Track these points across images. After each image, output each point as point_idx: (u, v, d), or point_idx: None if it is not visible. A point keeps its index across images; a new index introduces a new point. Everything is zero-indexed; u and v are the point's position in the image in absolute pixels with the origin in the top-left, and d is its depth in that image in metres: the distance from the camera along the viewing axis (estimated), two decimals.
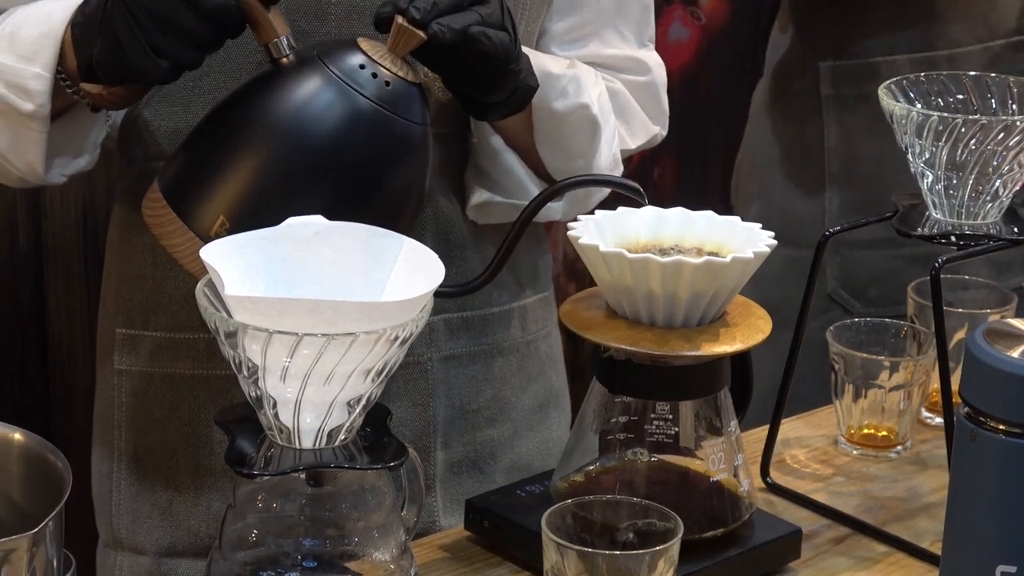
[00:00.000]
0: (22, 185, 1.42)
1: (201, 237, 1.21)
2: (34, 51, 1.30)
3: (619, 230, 1.30)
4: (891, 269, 2.00)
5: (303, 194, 1.20)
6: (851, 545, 1.39)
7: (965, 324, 1.57)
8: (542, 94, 1.38)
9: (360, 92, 1.21)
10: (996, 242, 1.38)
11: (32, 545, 0.98)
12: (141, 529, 1.52)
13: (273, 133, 1.21)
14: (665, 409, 1.29)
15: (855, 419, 1.54)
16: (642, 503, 1.20)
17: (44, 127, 1.33)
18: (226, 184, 1.21)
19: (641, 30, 1.55)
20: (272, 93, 1.22)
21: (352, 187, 1.21)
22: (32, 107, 1.31)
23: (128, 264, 1.50)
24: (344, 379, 1.08)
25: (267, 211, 1.19)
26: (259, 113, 1.22)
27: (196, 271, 1.20)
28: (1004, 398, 1.08)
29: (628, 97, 1.53)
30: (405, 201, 1.26)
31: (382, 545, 1.15)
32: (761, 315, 1.29)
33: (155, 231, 1.25)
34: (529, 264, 1.59)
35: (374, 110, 1.21)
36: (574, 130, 1.42)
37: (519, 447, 1.58)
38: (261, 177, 1.21)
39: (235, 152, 1.22)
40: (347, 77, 1.21)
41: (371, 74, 1.22)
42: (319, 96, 1.21)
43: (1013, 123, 1.35)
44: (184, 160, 1.26)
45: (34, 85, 1.30)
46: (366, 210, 1.21)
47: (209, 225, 1.21)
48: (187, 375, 1.48)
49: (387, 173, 1.23)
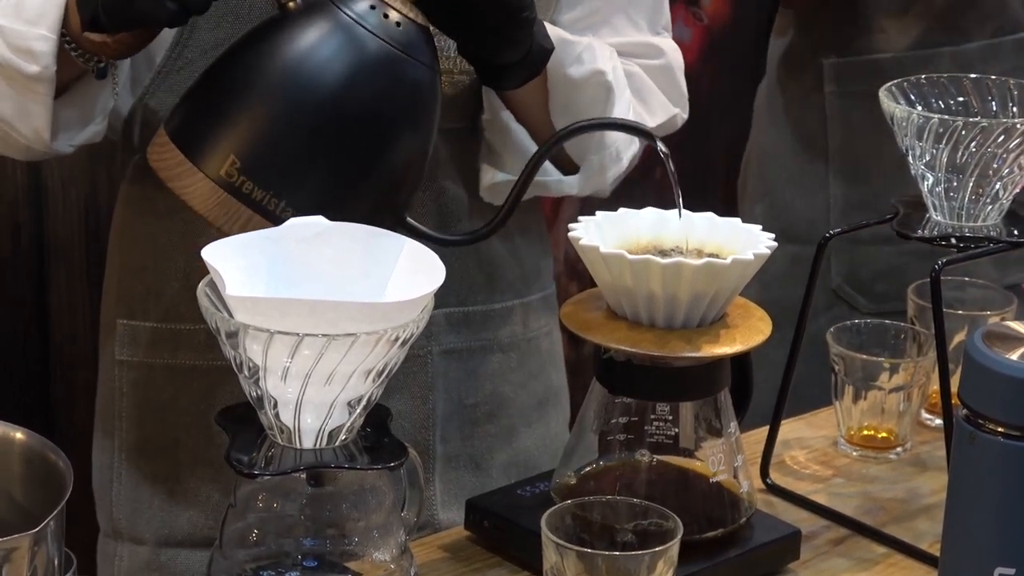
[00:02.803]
0: (28, 156, 1.40)
1: (212, 177, 1.20)
2: (39, 14, 1.29)
3: (620, 231, 1.30)
4: (897, 265, 2.00)
5: (315, 135, 1.20)
6: (850, 546, 1.39)
7: (965, 326, 1.57)
8: (557, 60, 1.37)
9: (371, 32, 1.21)
10: (996, 244, 1.38)
11: (33, 544, 0.98)
12: (140, 519, 1.52)
13: (285, 73, 1.20)
14: (665, 410, 1.29)
15: (855, 420, 1.54)
16: (642, 504, 1.20)
17: (49, 90, 1.32)
18: (237, 124, 1.20)
19: (654, 18, 1.54)
20: (283, 34, 1.22)
21: (365, 126, 1.21)
22: (37, 69, 1.30)
23: (130, 255, 1.51)
24: (345, 379, 1.08)
25: (279, 151, 1.19)
26: (270, 54, 1.21)
27: (206, 211, 1.20)
28: (1003, 400, 1.08)
29: (645, 78, 1.51)
30: (416, 144, 1.25)
31: (382, 545, 1.15)
32: (761, 316, 1.30)
33: (163, 175, 1.23)
34: (532, 262, 1.59)
35: (386, 50, 1.21)
36: (589, 98, 1.41)
37: (517, 444, 1.58)
38: (273, 117, 1.20)
39: (247, 93, 1.21)
40: (358, 17, 1.21)
41: (382, 15, 1.22)
42: (331, 36, 1.21)
43: (1013, 126, 1.35)
44: (191, 104, 1.25)
45: (39, 47, 1.29)
46: (379, 150, 1.22)
47: (220, 165, 1.20)
48: (187, 366, 1.48)
49: (399, 113, 1.23)
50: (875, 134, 2.01)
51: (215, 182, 1.19)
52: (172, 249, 1.47)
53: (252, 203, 1.19)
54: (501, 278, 1.55)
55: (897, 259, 2.01)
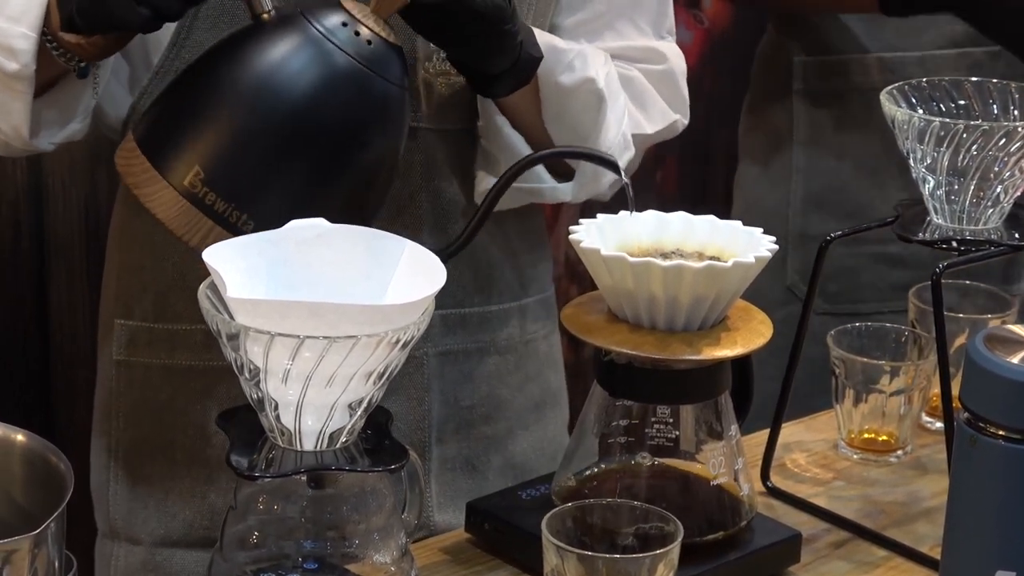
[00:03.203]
0: (7, 152, 1.40)
1: (176, 187, 1.20)
2: (21, 12, 1.30)
3: (621, 234, 1.30)
4: (851, 267, 2.00)
5: (280, 149, 1.20)
6: (851, 549, 1.39)
7: (966, 329, 1.57)
8: (548, 67, 1.37)
9: (341, 48, 1.21)
10: (997, 248, 1.38)
11: (34, 546, 0.98)
12: (137, 519, 1.53)
13: (252, 86, 1.20)
14: (666, 413, 1.29)
15: (855, 423, 1.54)
16: (642, 507, 1.20)
17: (29, 88, 1.32)
18: (203, 135, 1.20)
19: (658, 22, 1.54)
20: (253, 47, 1.22)
21: (330, 143, 1.21)
22: (17, 67, 1.30)
23: (128, 254, 1.51)
24: (345, 382, 1.08)
25: (244, 163, 1.19)
26: (239, 65, 1.21)
27: (168, 220, 1.20)
28: (1004, 404, 1.08)
29: (645, 84, 1.51)
30: (381, 162, 1.26)
31: (383, 547, 1.15)
32: (762, 319, 1.30)
33: (128, 180, 1.23)
34: (530, 265, 1.59)
35: (354, 67, 1.21)
36: (580, 105, 1.41)
37: (514, 446, 1.58)
38: (239, 129, 1.20)
39: (214, 104, 1.21)
40: (329, 33, 1.21)
41: (353, 32, 1.22)
42: (300, 51, 1.21)
43: (1015, 129, 1.35)
44: (161, 111, 1.25)
45: (19, 44, 1.30)
46: (342, 167, 1.22)
47: (184, 175, 1.20)
48: (185, 366, 1.49)
49: (364, 130, 1.23)
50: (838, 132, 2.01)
51: (178, 192, 1.20)
52: (169, 248, 1.47)
53: (214, 215, 1.20)
54: (498, 280, 1.55)
55: (851, 260, 2.01)
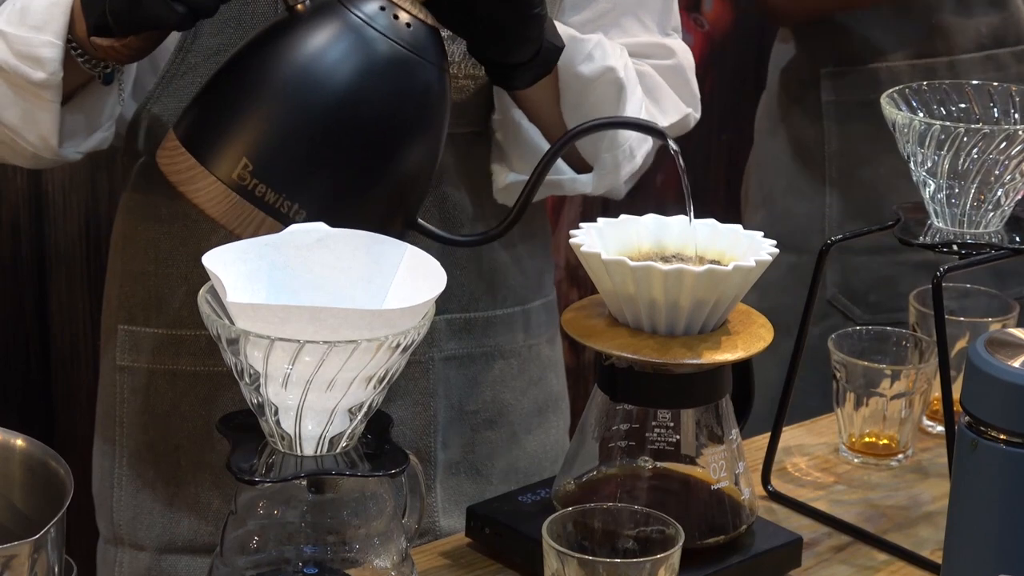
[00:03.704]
0: (36, 164, 1.40)
1: (224, 181, 1.19)
2: (44, 20, 1.29)
3: (621, 238, 1.30)
4: (891, 275, 2.00)
5: (327, 137, 1.20)
6: (852, 553, 1.39)
7: (967, 333, 1.57)
8: (568, 57, 1.37)
9: (382, 33, 1.21)
10: (998, 251, 1.38)
11: (34, 551, 0.98)
12: (141, 525, 1.52)
13: (296, 75, 1.20)
14: (666, 417, 1.29)
15: (856, 427, 1.54)
16: (643, 511, 1.20)
17: (56, 96, 1.32)
18: (249, 127, 1.20)
19: (663, 19, 1.53)
20: (293, 37, 1.22)
21: (376, 127, 1.21)
22: (44, 75, 1.30)
23: (131, 261, 1.51)
24: (346, 386, 1.08)
25: (291, 153, 1.19)
26: (280, 56, 1.21)
27: (219, 215, 1.20)
28: (1005, 408, 1.08)
29: (657, 78, 1.50)
30: (427, 144, 1.25)
31: (383, 552, 1.15)
32: (763, 323, 1.29)
33: (173, 178, 1.22)
34: (535, 269, 1.59)
35: (396, 51, 1.21)
36: (600, 95, 1.41)
37: (517, 450, 1.58)
38: (285, 119, 1.20)
39: (258, 95, 1.21)
40: (368, 19, 1.21)
41: (392, 16, 1.22)
42: (340, 38, 1.21)
43: (1015, 132, 1.35)
44: (201, 108, 1.24)
45: (45, 53, 1.29)
46: (390, 151, 1.21)
47: (232, 168, 1.19)
48: (188, 372, 1.48)
49: (410, 113, 1.23)
50: (872, 143, 2.01)
51: (227, 185, 1.19)
52: (174, 254, 1.47)
53: (264, 206, 1.19)
54: (503, 285, 1.55)
55: (891, 269, 2.01)
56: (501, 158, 1.46)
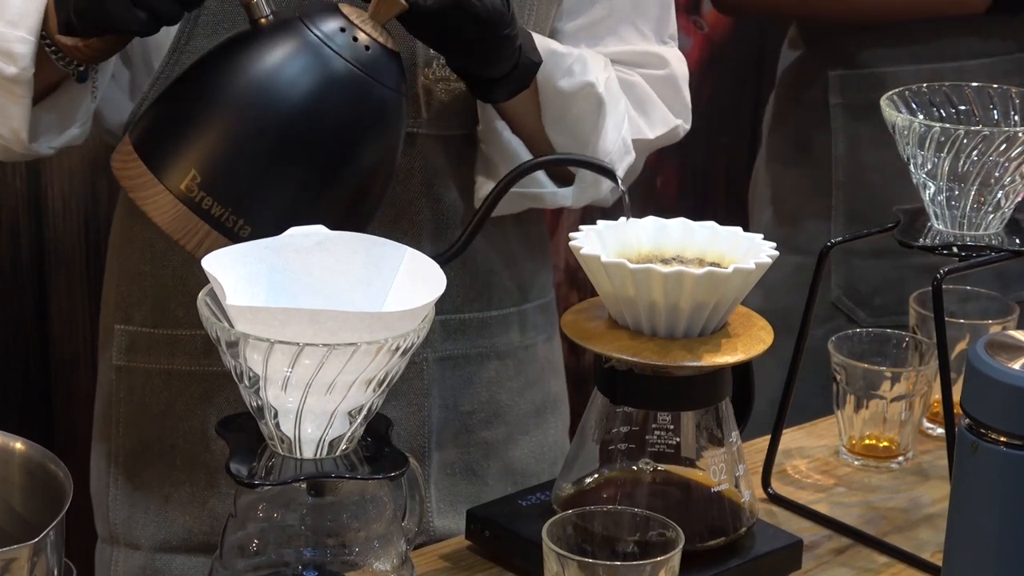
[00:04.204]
0: (6, 156, 1.41)
1: (172, 191, 1.20)
2: (20, 16, 1.30)
3: (621, 240, 1.30)
4: (896, 278, 2.00)
5: (277, 153, 1.20)
6: (852, 556, 1.39)
7: (967, 335, 1.57)
8: (548, 72, 1.37)
9: (339, 54, 1.21)
10: (998, 253, 1.38)
11: (33, 555, 0.98)
12: (137, 524, 1.53)
13: (250, 90, 1.20)
14: (666, 419, 1.29)
15: (856, 429, 1.54)
16: (643, 514, 1.20)
17: (27, 92, 1.32)
18: (200, 139, 1.20)
19: (660, 27, 1.54)
20: (251, 51, 1.22)
21: (327, 148, 1.21)
22: (15, 71, 1.30)
23: (128, 261, 1.51)
24: (345, 389, 1.08)
25: (240, 169, 1.19)
26: (237, 70, 1.21)
27: (165, 225, 1.20)
28: (1005, 410, 1.08)
29: (647, 89, 1.51)
30: (378, 167, 1.25)
31: (383, 555, 1.15)
32: (763, 326, 1.29)
33: (124, 184, 1.23)
34: (531, 271, 1.59)
35: (352, 73, 1.21)
36: (580, 110, 1.41)
37: (514, 451, 1.58)
38: (236, 134, 1.20)
39: (211, 108, 1.21)
40: (326, 38, 1.21)
41: (351, 38, 1.22)
42: (297, 56, 1.21)
43: (1015, 134, 1.35)
44: (157, 115, 1.25)
45: (18, 48, 1.30)
46: (339, 172, 1.21)
47: (180, 179, 1.20)
48: (184, 372, 1.49)
49: (362, 136, 1.23)
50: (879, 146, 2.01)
51: (175, 196, 1.20)
52: (170, 255, 1.47)
53: (210, 219, 1.19)
54: (498, 286, 1.55)
55: (896, 272, 2.01)
56: (485, 167, 1.47)
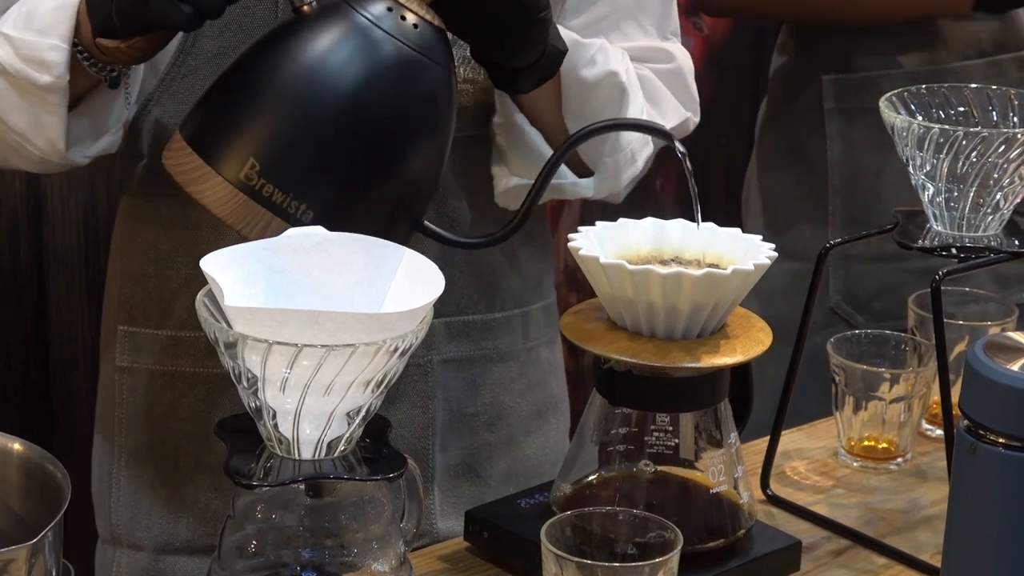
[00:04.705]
0: (43, 168, 1.40)
1: (231, 181, 1.19)
2: (50, 24, 1.29)
3: (620, 241, 1.30)
4: (895, 283, 2.00)
5: (334, 137, 1.20)
6: (851, 557, 1.39)
7: (966, 336, 1.57)
8: (570, 61, 1.37)
9: (389, 34, 1.21)
10: (997, 254, 1.38)
11: (31, 555, 0.98)
12: (139, 525, 1.53)
13: (303, 75, 1.20)
14: (665, 421, 1.29)
15: (855, 431, 1.54)
16: (642, 515, 1.20)
17: (63, 100, 1.31)
18: (256, 127, 1.20)
19: (663, 23, 1.53)
20: (301, 36, 1.22)
21: (383, 128, 1.21)
22: (50, 79, 1.30)
23: (131, 262, 1.51)
24: (344, 390, 1.08)
25: (299, 153, 1.19)
26: (288, 56, 1.21)
27: (226, 215, 1.20)
28: (1004, 411, 1.08)
29: (657, 82, 1.50)
30: (434, 145, 1.25)
31: (381, 556, 1.15)
32: (762, 327, 1.29)
33: (179, 179, 1.22)
34: (533, 272, 1.59)
35: (403, 52, 1.21)
36: (602, 100, 1.41)
37: (516, 453, 1.58)
38: (292, 119, 1.20)
39: (264, 96, 1.21)
40: (375, 20, 1.21)
41: (399, 17, 1.22)
42: (348, 38, 1.21)
43: (1014, 135, 1.35)
44: (208, 109, 1.24)
45: (51, 57, 1.29)
46: (397, 151, 1.21)
47: (239, 168, 1.19)
48: (188, 373, 1.49)
49: (417, 115, 1.23)
50: (875, 150, 2.01)
51: (234, 185, 1.19)
52: (174, 256, 1.47)
53: (272, 205, 1.19)
54: (502, 288, 1.55)
55: (895, 276, 2.00)
56: (502, 161, 1.46)
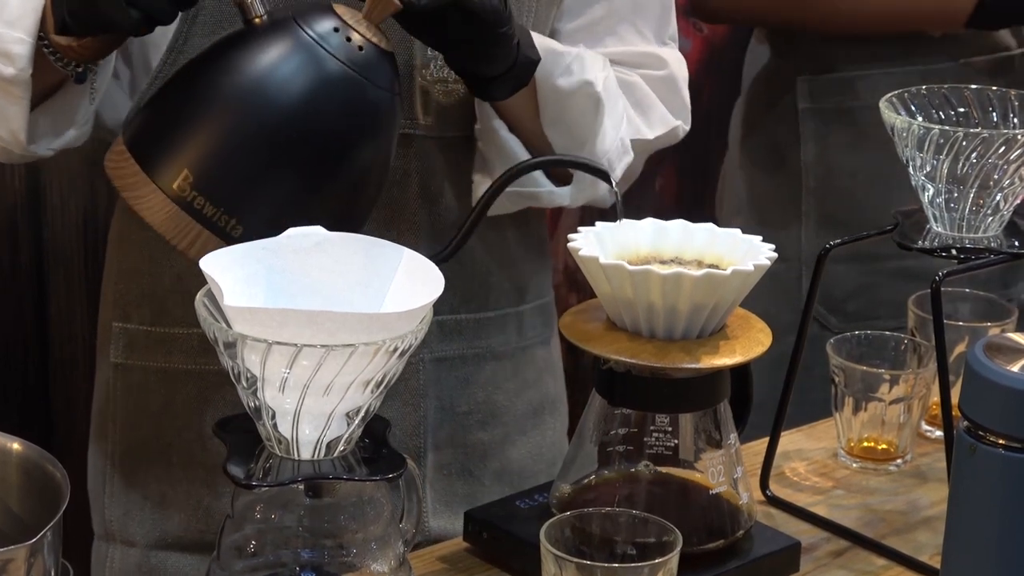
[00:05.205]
0: (6, 158, 1.40)
1: (164, 190, 1.20)
2: (17, 16, 1.30)
3: (619, 242, 1.30)
4: (868, 284, 2.00)
5: (269, 154, 1.20)
6: (850, 558, 1.39)
7: (965, 337, 1.57)
8: (546, 70, 1.37)
9: (332, 54, 1.21)
10: (997, 255, 1.38)
11: (30, 555, 0.98)
12: (132, 521, 1.53)
13: (243, 90, 1.20)
14: (665, 421, 1.29)
15: (855, 432, 1.54)
16: (641, 516, 1.20)
17: (25, 93, 1.32)
18: (193, 139, 1.20)
19: (660, 28, 1.54)
20: (244, 51, 1.22)
21: (319, 148, 1.21)
22: (13, 71, 1.30)
23: (126, 259, 1.51)
24: (343, 390, 1.08)
25: (233, 169, 1.19)
26: (230, 69, 1.21)
27: (157, 224, 1.20)
28: (1004, 412, 1.08)
29: (646, 89, 1.51)
30: (371, 168, 1.25)
31: (380, 556, 1.14)
32: (761, 328, 1.29)
33: (117, 183, 1.23)
34: (528, 271, 1.59)
35: (345, 73, 1.21)
36: (578, 109, 1.41)
37: (510, 452, 1.58)
38: (228, 134, 1.20)
39: (203, 108, 1.21)
40: (320, 39, 1.21)
41: (345, 38, 1.22)
42: (291, 56, 1.21)
43: (1014, 136, 1.35)
44: (151, 114, 1.25)
45: (16, 49, 1.30)
46: (332, 173, 1.21)
47: (173, 179, 1.19)
48: (181, 370, 1.49)
49: (355, 137, 1.23)
50: (849, 151, 2.01)
51: (167, 196, 1.19)
52: (168, 253, 1.47)
53: (203, 219, 1.19)
54: (494, 287, 1.55)
55: (868, 277, 2.00)
56: (482, 167, 1.46)
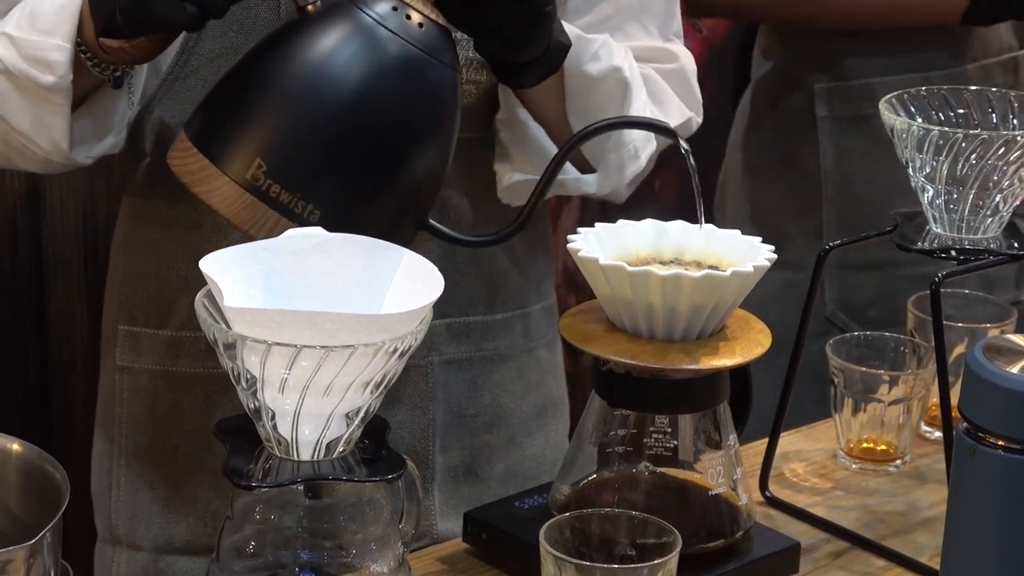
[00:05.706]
0: (47, 168, 1.40)
1: (238, 181, 1.19)
2: (53, 24, 1.29)
3: (619, 243, 1.30)
4: (890, 290, 2.00)
5: (341, 135, 1.20)
6: (850, 559, 1.39)
7: (965, 338, 1.57)
8: (575, 56, 1.37)
9: (394, 33, 1.21)
10: (996, 257, 1.38)
11: (29, 556, 0.98)
12: (139, 525, 1.53)
13: (309, 75, 1.20)
14: (664, 422, 1.29)
15: (854, 433, 1.54)
16: (640, 517, 1.20)
17: (66, 100, 1.31)
18: (262, 127, 1.20)
19: (666, 25, 1.54)
20: (306, 36, 1.22)
21: (389, 127, 1.21)
22: (53, 79, 1.30)
23: (131, 263, 1.51)
24: (343, 391, 1.08)
25: (306, 153, 1.19)
26: (294, 56, 1.21)
27: (232, 216, 1.20)
28: (1003, 414, 1.08)
29: (660, 81, 1.50)
30: (439, 144, 1.25)
31: (380, 557, 1.14)
32: (761, 329, 1.29)
33: (185, 179, 1.22)
34: (534, 273, 1.59)
35: (408, 51, 1.21)
36: (606, 95, 1.41)
37: (516, 454, 1.58)
38: (298, 120, 1.20)
39: (271, 96, 1.21)
40: (380, 19, 1.21)
41: (404, 16, 1.22)
42: (353, 38, 1.21)
43: (1014, 138, 1.35)
44: (213, 108, 1.24)
45: (54, 57, 1.29)
46: (403, 150, 1.22)
47: (245, 168, 1.19)
48: (188, 373, 1.49)
49: (422, 114, 1.23)
50: (868, 158, 2.01)
51: (241, 185, 1.19)
52: (174, 256, 1.47)
53: (278, 206, 1.19)
54: (502, 289, 1.55)
55: (890, 284, 2.00)
56: (505, 158, 1.46)
